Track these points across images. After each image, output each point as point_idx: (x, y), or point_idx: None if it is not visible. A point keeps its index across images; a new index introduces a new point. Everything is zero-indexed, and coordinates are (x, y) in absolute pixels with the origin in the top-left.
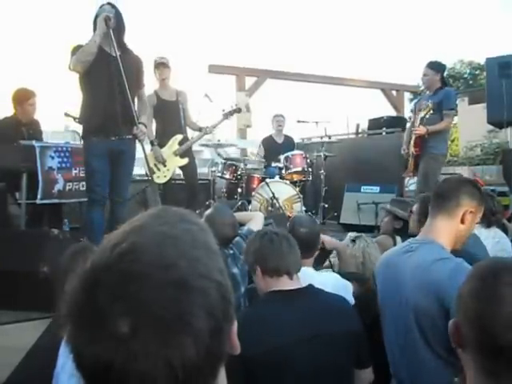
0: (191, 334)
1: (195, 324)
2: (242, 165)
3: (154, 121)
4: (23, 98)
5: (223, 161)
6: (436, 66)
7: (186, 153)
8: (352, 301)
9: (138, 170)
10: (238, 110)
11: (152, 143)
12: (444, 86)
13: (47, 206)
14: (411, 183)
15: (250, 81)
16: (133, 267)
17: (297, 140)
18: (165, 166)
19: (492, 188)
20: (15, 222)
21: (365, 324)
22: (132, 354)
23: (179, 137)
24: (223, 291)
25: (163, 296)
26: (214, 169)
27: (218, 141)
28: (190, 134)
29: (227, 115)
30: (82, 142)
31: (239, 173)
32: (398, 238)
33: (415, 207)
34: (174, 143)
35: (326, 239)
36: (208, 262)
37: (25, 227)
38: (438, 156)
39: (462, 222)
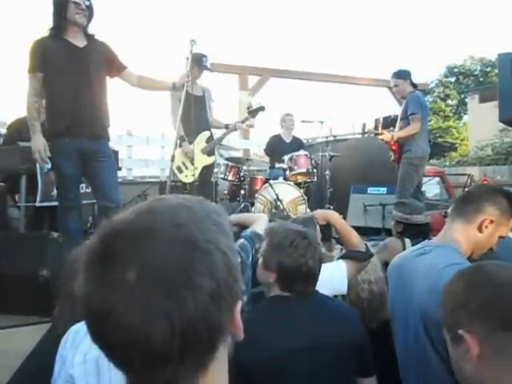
0: (191, 288)
1: (196, 280)
2: (244, 166)
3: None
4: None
5: (225, 162)
6: (403, 74)
7: (212, 151)
8: (345, 284)
9: (139, 171)
10: (262, 109)
11: (182, 139)
12: (415, 89)
13: (47, 208)
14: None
15: (252, 80)
16: (147, 223)
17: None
18: (193, 164)
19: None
20: (14, 224)
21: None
22: (133, 301)
23: (207, 134)
24: (229, 264)
25: (171, 250)
26: (216, 170)
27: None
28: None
29: (253, 113)
30: (48, 144)
31: (242, 174)
32: (407, 241)
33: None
34: (201, 140)
35: (316, 213)
36: (217, 235)
37: (24, 230)
38: (412, 159)
39: (480, 230)
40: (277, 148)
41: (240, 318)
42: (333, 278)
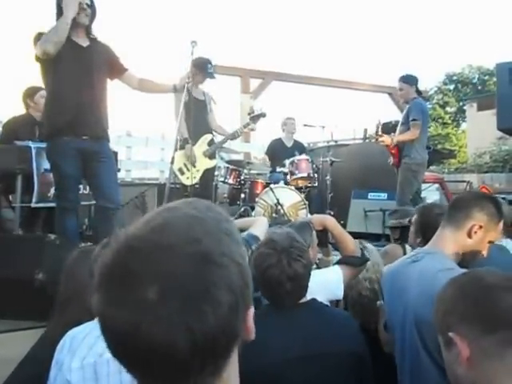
0: (212, 303)
1: (216, 295)
2: (245, 169)
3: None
4: (34, 90)
5: (226, 165)
6: (410, 80)
7: (214, 154)
8: (342, 289)
9: (138, 173)
10: (264, 115)
11: (186, 141)
12: (419, 96)
13: (42, 209)
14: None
15: (254, 83)
16: (163, 239)
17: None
18: (194, 166)
19: (502, 196)
20: (9, 226)
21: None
22: (158, 319)
23: (208, 137)
24: (243, 273)
25: (189, 266)
26: (216, 173)
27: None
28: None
29: (254, 118)
30: (47, 143)
31: (242, 178)
32: (408, 247)
33: (413, 218)
34: (203, 143)
35: (313, 218)
36: (230, 245)
37: (19, 232)
38: (410, 165)
39: (469, 236)
40: (278, 152)
41: (252, 321)
42: (329, 282)
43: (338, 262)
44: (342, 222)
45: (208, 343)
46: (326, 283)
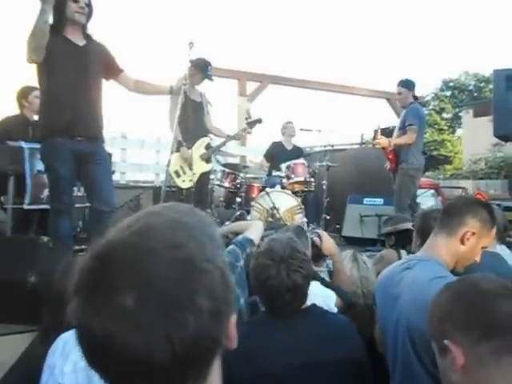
0: (193, 311)
1: (198, 302)
2: (241, 173)
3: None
4: (28, 90)
5: (222, 168)
6: (408, 84)
7: (210, 158)
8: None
9: (133, 175)
10: (260, 121)
11: (180, 144)
12: (415, 101)
13: (35, 211)
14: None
15: (251, 86)
16: (145, 243)
17: None
18: (191, 169)
19: (497, 203)
20: (0, 228)
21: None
22: (136, 327)
23: (206, 140)
24: (226, 279)
25: (171, 272)
26: (212, 176)
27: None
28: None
29: (251, 124)
30: (42, 144)
31: (239, 181)
32: (403, 252)
33: (415, 224)
34: (200, 146)
35: (324, 239)
36: (213, 250)
37: (11, 234)
38: (408, 170)
39: (462, 242)
40: (277, 155)
41: (235, 329)
42: (324, 297)
43: (331, 288)
44: (337, 226)
45: (188, 351)
46: (323, 297)
